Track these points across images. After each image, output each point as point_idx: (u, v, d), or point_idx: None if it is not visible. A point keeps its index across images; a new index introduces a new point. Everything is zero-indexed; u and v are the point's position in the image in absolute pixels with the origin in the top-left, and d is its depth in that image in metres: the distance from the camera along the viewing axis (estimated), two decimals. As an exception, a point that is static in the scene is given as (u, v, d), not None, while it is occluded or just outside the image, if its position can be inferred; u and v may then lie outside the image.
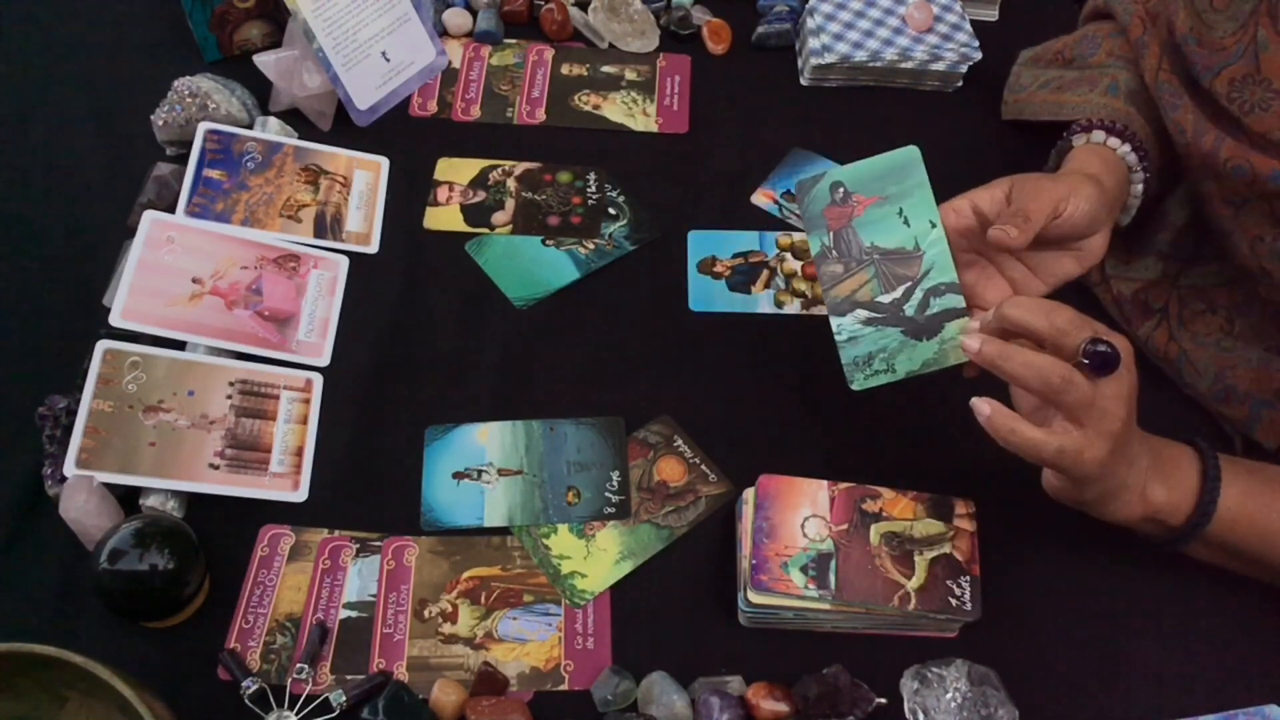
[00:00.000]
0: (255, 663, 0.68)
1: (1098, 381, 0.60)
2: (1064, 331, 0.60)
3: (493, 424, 0.79)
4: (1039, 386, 0.60)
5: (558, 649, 0.69)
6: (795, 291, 0.88)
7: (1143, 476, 0.65)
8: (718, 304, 0.87)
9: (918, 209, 0.69)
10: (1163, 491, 0.65)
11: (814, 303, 0.87)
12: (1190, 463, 0.67)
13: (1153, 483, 0.65)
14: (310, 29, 0.92)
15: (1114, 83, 0.81)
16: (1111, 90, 0.81)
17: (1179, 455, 0.67)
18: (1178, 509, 0.66)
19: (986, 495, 0.73)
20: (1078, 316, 0.61)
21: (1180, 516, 0.66)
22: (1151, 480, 0.65)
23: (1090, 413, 0.60)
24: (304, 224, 0.88)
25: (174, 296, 0.80)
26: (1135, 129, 0.78)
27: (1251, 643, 0.71)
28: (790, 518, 0.70)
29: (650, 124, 0.98)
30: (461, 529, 0.74)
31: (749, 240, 0.90)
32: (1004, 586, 0.71)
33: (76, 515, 0.68)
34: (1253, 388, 0.74)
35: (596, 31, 1.04)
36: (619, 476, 0.77)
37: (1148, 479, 0.65)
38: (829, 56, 1.00)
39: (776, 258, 0.90)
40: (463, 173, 0.94)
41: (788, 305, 0.87)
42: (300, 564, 0.72)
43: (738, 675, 0.68)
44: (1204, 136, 0.72)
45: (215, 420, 0.76)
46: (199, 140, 0.89)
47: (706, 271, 0.89)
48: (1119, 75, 0.81)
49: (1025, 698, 0.67)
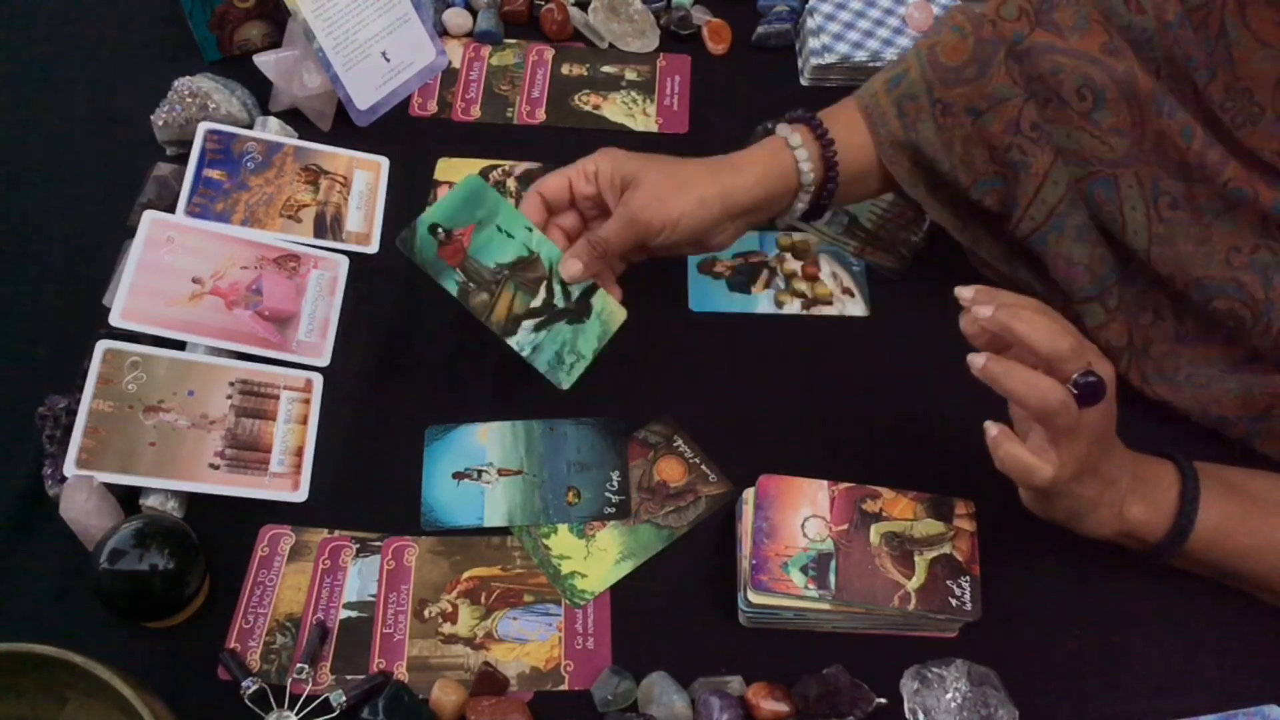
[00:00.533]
0: (255, 663, 0.68)
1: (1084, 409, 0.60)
2: (1064, 358, 0.60)
3: (493, 424, 0.79)
4: (1036, 407, 0.59)
5: (558, 649, 0.69)
6: (795, 291, 0.88)
7: (1120, 495, 0.65)
8: (718, 304, 0.87)
9: (510, 221, 0.75)
10: (1140, 510, 0.66)
11: (814, 303, 0.87)
12: (1170, 482, 0.67)
13: (1131, 501, 0.66)
14: (310, 29, 0.92)
15: (903, 74, 0.77)
16: (893, 82, 0.78)
17: (1159, 474, 0.68)
18: (1155, 527, 0.67)
19: (986, 495, 0.73)
20: (1079, 343, 0.61)
21: (1158, 534, 0.67)
22: (1130, 498, 0.66)
23: (1065, 436, 0.60)
24: (304, 224, 0.88)
25: (174, 296, 0.80)
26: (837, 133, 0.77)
27: (1251, 643, 0.71)
28: (790, 518, 0.70)
29: (650, 124, 0.98)
30: (462, 529, 0.74)
31: (749, 240, 0.90)
32: (1004, 586, 0.71)
33: (76, 515, 0.68)
34: (1242, 412, 0.74)
35: (596, 31, 1.04)
36: (619, 476, 0.77)
37: (1126, 497, 0.66)
38: (829, 56, 1.00)
39: (776, 258, 0.90)
40: (463, 173, 0.94)
41: (787, 305, 0.87)
42: (300, 564, 0.72)
43: (738, 675, 0.68)
44: (1210, 150, 0.72)
45: (215, 420, 0.76)
46: (199, 140, 0.89)
47: (707, 272, 0.89)
48: (914, 68, 0.77)
49: (1025, 698, 0.67)
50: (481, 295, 0.74)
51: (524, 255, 0.75)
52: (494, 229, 0.75)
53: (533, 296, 0.74)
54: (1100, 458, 0.63)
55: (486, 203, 0.75)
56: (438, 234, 0.73)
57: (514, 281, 0.74)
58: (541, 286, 0.75)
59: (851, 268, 0.89)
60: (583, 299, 0.76)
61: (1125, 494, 0.66)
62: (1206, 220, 0.74)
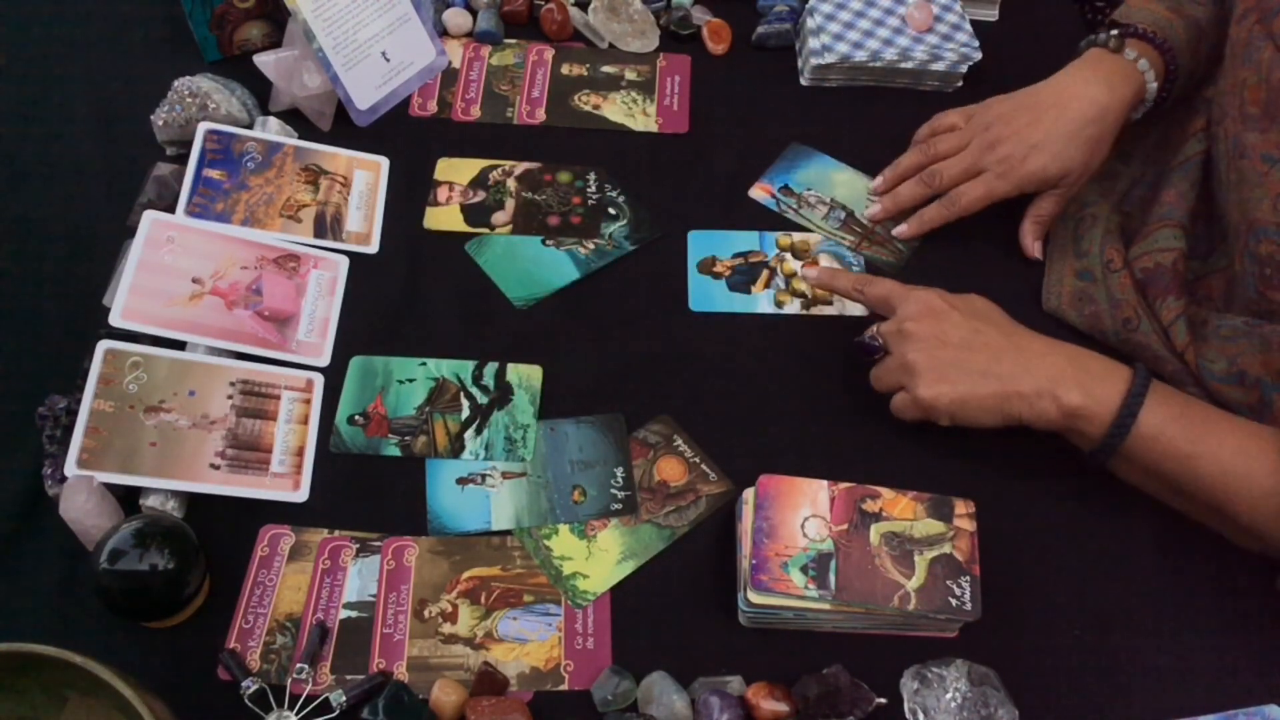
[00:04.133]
0: (255, 663, 0.68)
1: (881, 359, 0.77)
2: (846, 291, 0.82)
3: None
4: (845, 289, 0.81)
5: (558, 649, 0.69)
6: (795, 291, 0.88)
7: (1051, 385, 0.71)
8: (718, 304, 0.87)
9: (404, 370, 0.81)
10: (1079, 396, 0.70)
11: (814, 303, 0.87)
12: (1120, 376, 0.71)
13: (1069, 387, 0.70)
14: (310, 29, 0.92)
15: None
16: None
17: (1108, 369, 0.72)
18: (1096, 415, 0.70)
19: (986, 495, 0.73)
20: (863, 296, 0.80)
21: (1101, 423, 0.70)
22: (1068, 385, 0.70)
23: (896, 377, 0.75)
24: (304, 224, 0.88)
25: (174, 296, 0.80)
26: (1166, 35, 0.85)
27: (1251, 643, 0.71)
28: (790, 518, 0.70)
29: (650, 124, 0.98)
30: (470, 535, 0.74)
31: (749, 240, 0.90)
32: (1004, 586, 0.71)
33: (76, 515, 0.68)
34: (1263, 371, 0.74)
35: (596, 31, 1.04)
36: (623, 472, 0.77)
37: (1059, 384, 0.70)
38: (829, 56, 1.00)
39: (776, 258, 0.90)
40: (463, 173, 0.94)
41: (787, 305, 0.87)
42: (300, 564, 0.72)
43: (738, 675, 0.68)
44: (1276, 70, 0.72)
45: (216, 420, 0.76)
46: (199, 140, 0.89)
47: (706, 271, 0.89)
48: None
49: (1025, 698, 0.67)
50: (420, 439, 0.78)
51: (432, 387, 0.80)
52: (396, 385, 0.80)
53: (459, 413, 0.79)
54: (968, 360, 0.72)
55: (377, 369, 0.81)
56: (357, 421, 0.78)
57: (437, 412, 0.79)
58: (461, 399, 0.79)
59: (851, 268, 0.89)
60: (499, 385, 0.80)
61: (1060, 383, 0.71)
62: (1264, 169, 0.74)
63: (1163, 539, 0.74)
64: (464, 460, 0.77)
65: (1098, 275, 0.84)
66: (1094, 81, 0.84)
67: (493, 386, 0.80)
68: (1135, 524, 0.75)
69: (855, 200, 0.93)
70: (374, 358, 0.82)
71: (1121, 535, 0.75)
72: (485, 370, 0.81)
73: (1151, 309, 0.80)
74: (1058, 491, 0.76)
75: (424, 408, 0.79)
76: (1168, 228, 0.82)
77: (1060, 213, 0.88)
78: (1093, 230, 0.86)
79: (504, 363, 0.81)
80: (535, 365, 0.82)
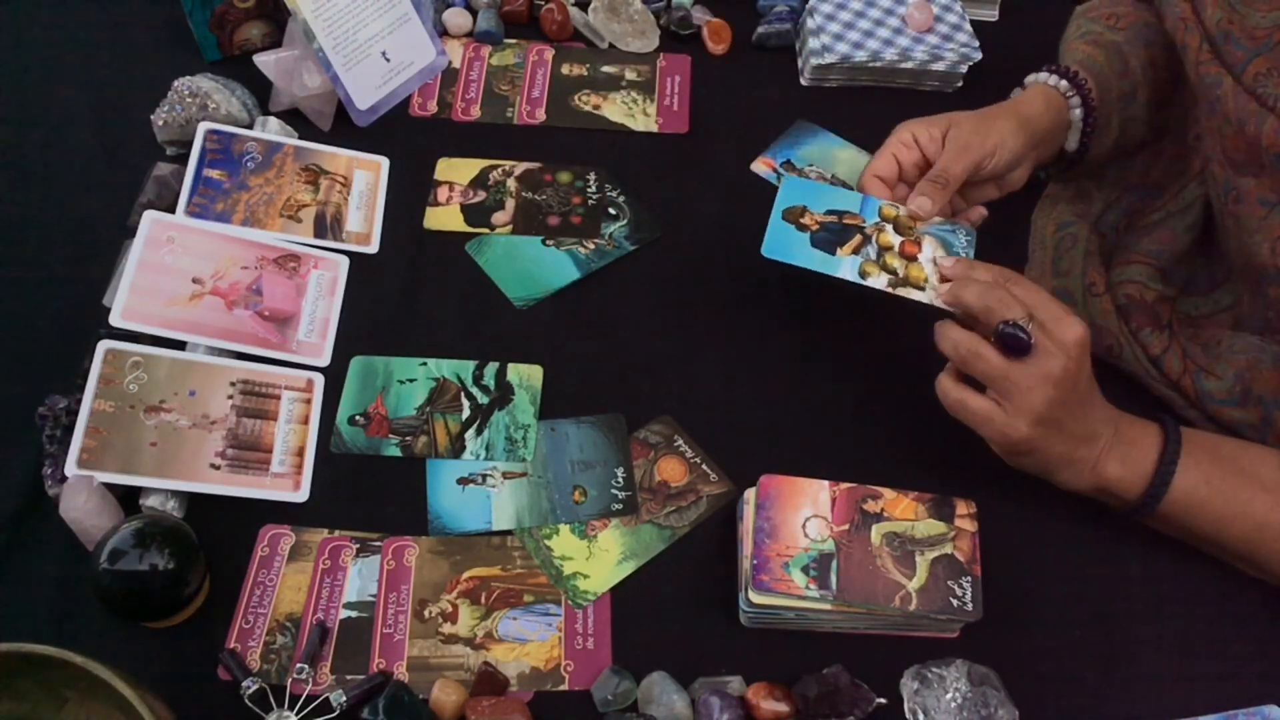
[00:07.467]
0: (255, 663, 0.68)
1: (1014, 361, 0.65)
2: (990, 310, 0.67)
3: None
4: (950, 354, 0.68)
5: (558, 649, 0.69)
6: (885, 266, 0.76)
7: (1097, 453, 0.69)
8: (794, 255, 0.77)
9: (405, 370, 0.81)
10: (1117, 468, 0.69)
11: (902, 282, 0.75)
12: (1152, 443, 0.70)
13: (1109, 459, 0.69)
14: (310, 29, 0.92)
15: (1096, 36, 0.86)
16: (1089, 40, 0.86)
17: (1142, 433, 0.70)
18: (1131, 486, 0.69)
19: (987, 495, 0.73)
20: (1009, 298, 0.67)
21: (1134, 493, 0.69)
22: (1108, 456, 0.69)
23: (1005, 389, 0.66)
24: (304, 224, 0.88)
25: (174, 296, 0.80)
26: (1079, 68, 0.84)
27: (1251, 643, 0.71)
28: (791, 518, 0.70)
29: (650, 124, 0.98)
30: (471, 535, 0.74)
31: (850, 200, 0.80)
32: (1004, 586, 0.71)
33: (76, 515, 0.68)
34: (1266, 390, 0.74)
35: (596, 31, 1.04)
36: (624, 472, 0.77)
37: (1104, 455, 0.68)
38: (829, 56, 1.00)
39: (875, 225, 0.78)
40: (463, 173, 0.94)
41: (872, 278, 0.75)
42: (300, 564, 0.72)
43: (738, 675, 0.68)
44: (1248, 122, 0.71)
45: (216, 420, 0.76)
46: (199, 140, 0.89)
47: (792, 220, 0.79)
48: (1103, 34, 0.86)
49: (1025, 698, 0.67)
50: (421, 439, 0.77)
51: (433, 387, 0.80)
52: (396, 385, 0.80)
53: (459, 413, 0.79)
54: (1066, 416, 0.67)
55: (378, 369, 0.81)
56: (357, 422, 0.78)
57: (437, 412, 0.79)
58: (461, 399, 0.79)
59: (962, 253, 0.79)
60: (499, 385, 0.80)
61: (1104, 452, 0.68)
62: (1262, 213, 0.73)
63: (1163, 539, 0.74)
64: (465, 460, 0.77)
65: (1078, 297, 0.84)
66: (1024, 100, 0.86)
67: (493, 386, 0.80)
68: (1135, 525, 0.75)
69: (855, 178, 0.90)
70: (374, 358, 0.81)
71: (1121, 536, 0.75)
72: (486, 370, 0.81)
73: (1135, 337, 0.81)
74: (1058, 492, 0.76)
75: (424, 408, 0.79)
76: (1149, 266, 0.82)
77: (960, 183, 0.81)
78: (1072, 251, 0.87)
79: (504, 363, 0.81)
80: (536, 365, 0.82)
